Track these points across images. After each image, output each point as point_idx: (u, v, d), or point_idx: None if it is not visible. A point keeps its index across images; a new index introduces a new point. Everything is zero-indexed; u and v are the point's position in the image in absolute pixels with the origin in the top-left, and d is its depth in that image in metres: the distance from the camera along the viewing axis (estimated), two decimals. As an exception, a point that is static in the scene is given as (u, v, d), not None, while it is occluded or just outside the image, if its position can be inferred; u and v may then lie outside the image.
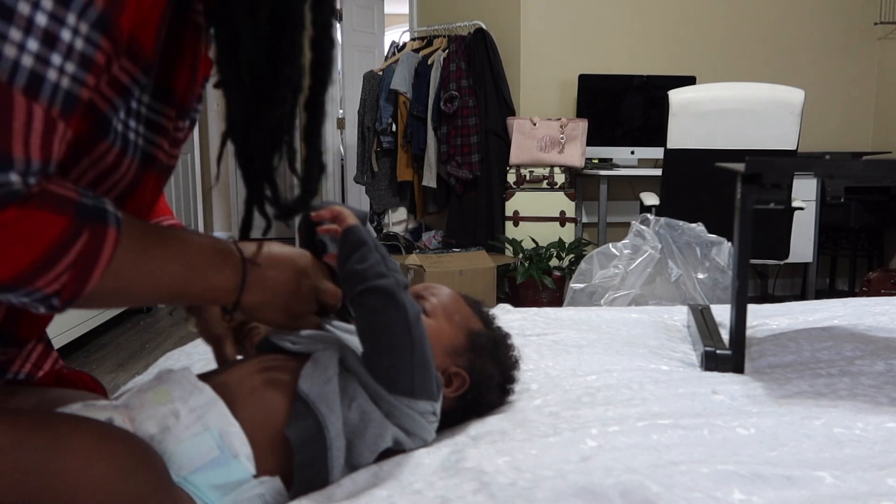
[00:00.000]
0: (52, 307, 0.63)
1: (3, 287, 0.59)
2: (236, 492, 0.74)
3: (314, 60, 0.74)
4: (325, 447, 0.78)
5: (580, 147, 3.83)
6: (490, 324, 1.04)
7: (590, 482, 0.73)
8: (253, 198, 0.79)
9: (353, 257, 0.85)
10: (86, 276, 0.63)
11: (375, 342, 0.84)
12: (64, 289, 0.62)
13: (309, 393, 0.79)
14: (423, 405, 0.86)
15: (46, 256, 0.60)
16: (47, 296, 0.61)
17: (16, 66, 0.54)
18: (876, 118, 4.40)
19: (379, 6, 5.75)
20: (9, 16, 0.53)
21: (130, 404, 0.75)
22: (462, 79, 3.95)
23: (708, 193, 2.67)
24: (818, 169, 1.43)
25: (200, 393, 0.76)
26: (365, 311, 0.84)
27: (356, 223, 0.88)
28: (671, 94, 2.86)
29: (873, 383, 1.13)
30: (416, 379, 0.84)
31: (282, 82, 0.72)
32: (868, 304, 1.67)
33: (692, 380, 1.15)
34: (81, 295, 0.63)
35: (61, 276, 0.61)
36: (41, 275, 0.60)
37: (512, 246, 3.76)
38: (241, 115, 0.73)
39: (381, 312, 0.83)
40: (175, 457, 0.72)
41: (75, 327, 2.96)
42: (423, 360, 0.85)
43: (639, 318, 1.60)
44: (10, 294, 0.61)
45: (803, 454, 0.86)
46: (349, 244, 0.86)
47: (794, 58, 4.27)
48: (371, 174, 4.40)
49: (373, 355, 0.84)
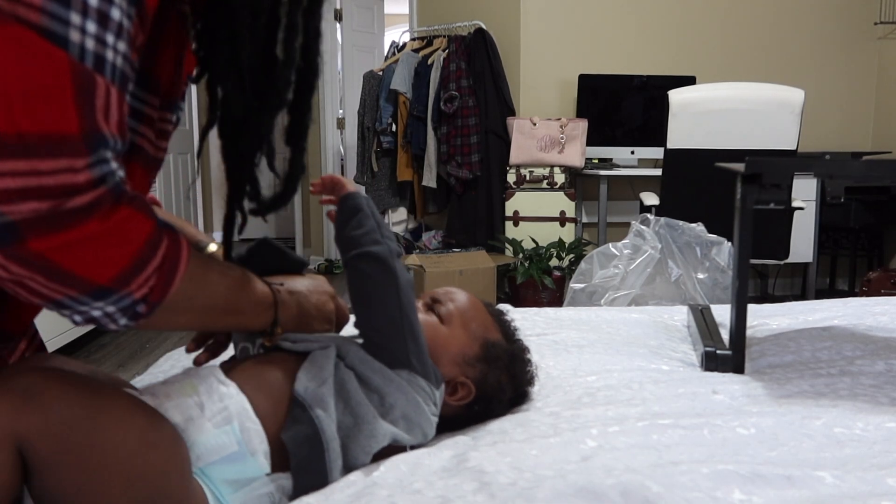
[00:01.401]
0: (135, 315, 0.63)
1: (99, 292, 0.60)
2: (247, 488, 0.75)
3: (303, 65, 0.75)
4: (321, 450, 0.79)
5: (580, 147, 3.83)
6: (511, 336, 1.02)
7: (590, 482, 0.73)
8: (234, 194, 0.80)
9: (351, 223, 0.88)
10: (170, 278, 0.64)
11: (366, 306, 0.87)
12: (152, 292, 0.63)
13: (305, 395, 0.80)
14: (421, 381, 0.86)
15: (140, 257, 0.61)
16: (136, 300, 0.62)
17: (82, 49, 0.55)
18: (876, 118, 4.40)
19: (379, 6, 5.74)
20: (66, 0, 0.54)
21: (156, 393, 0.76)
22: (462, 79, 3.95)
23: (708, 193, 2.67)
24: (818, 169, 1.43)
25: (226, 388, 0.78)
26: (357, 275, 0.88)
27: (353, 190, 0.92)
28: (671, 94, 2.86)
29: (873, 383, 1.13)
30: (409, 346, 0.86)
31: (279, 85, 0.73)
32: (868, 304, 1.67)
33: (692, 380, 1.15)
34: (166, 298, 0.64)
35: (150, 278, 0.62)
36: (135, 277, 0.61)
37: (512, 246, 3.76)
38: (238, 114, 0.73)
39: (372, 276, 0.86)
40: (194, 447, 0.72)
41: (75, 327, 2.97)
42: (412, 329, 0.87)
43: (639, 318, 1.60)
44: (101, 301, 0.60)
45: (803, 454, 0.86)
46: (346, 210, 0.90)
47: (794, 58, 4.27)
48: (371, 174, 4.40)
49: (364, 320, 0.87)
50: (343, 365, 0.85)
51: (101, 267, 0.59)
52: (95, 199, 0.57)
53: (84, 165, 0.56)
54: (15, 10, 0.52)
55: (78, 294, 0.59)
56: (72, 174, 0.55)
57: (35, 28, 0.53)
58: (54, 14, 0.53)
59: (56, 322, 2.75)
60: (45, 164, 0.54)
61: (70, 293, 0.59)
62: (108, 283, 0.59)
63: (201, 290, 0.70)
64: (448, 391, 0.93)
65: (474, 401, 0.95)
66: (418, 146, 4.14)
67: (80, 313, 0.61)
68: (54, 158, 0.54)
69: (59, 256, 0.56)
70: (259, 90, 0.72)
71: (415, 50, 4.27)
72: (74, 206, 0.56)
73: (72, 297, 0.59)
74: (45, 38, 0.53)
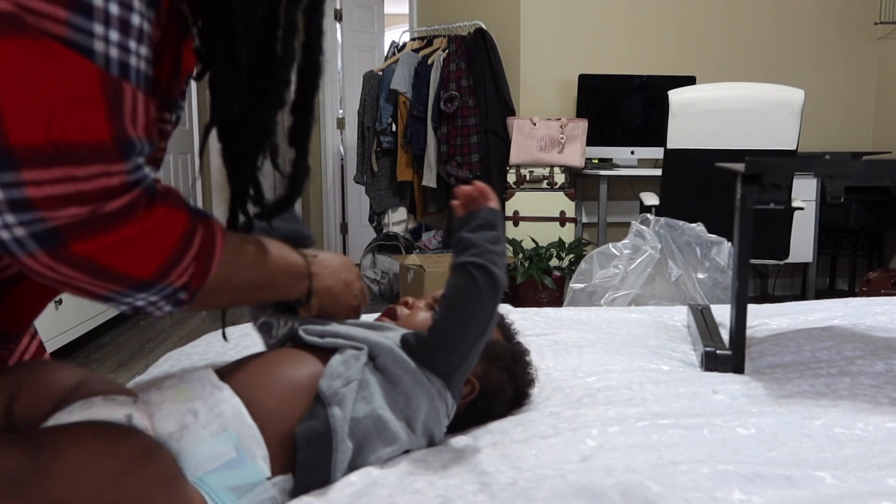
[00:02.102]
0: (178, 302, 0.66)
1: (142, 286, 0.63)
2: (250, 494, 0.74)
3: (304, 64, 0.76)
4: (330, 449, 0.78)
5: (580, 147, 3.83)
6: (511, 337, 1.04)
7: (590, 482, 0.73)
8: (237, 198, 0.81)
9: (486, 234, 0.87)
10: (208, 263, 0.67)
11: (457, 311, 0.86)
12: (192, 279, 0.66)
13: (327, 393, 0.79)
14: (448, 396, 0.87)
15: (177, 249, 0.64)
16: (177, 289, 0.65)
17: (108, 58, 0.57)
18: (876, 118, 4.40)
19: (379, 6, 5.74)
20: (89, 12, 0.55)
21: (150, 401, 0.75)
22: (462, 79, 3.95)
23: (708, 193, 2.67)
24: (818, 169, 1.43)
25: (220, 393, 0.76)
26: (469, 282, 0.85)
27: (498, 208, 0.91)
28: (671, 94, 2.86)
29: (873, 383, 1.13)
30: (462, 367, 0.86)
31: (278, 84, 0.73)
32: (868, 304, 1.67)
33: (692, 380, 1.15)
34: (205, 283, 0.67)
35: (188, 267, 0.65)
36: (174, 268, 0.64)
37: (512, 246, 3.76)
38: (235, 113, 0.74)
39: (482, 294, 0.85)
40: (192, 456, 0.71)
41: (75, 327, 2.96)
42: (474, 356, 0.87)
43: (639, 318, 1.60)
44: (145, 293, 0.64)
45: (803, 454, 0.86)
46: (485, 220, 0.88)
47: (794, 58, 4.27)
48: (371, 174, 4.39)
49: (445, 323, 0.86)
50: (373, 366, 0.84)
51: (141, 264, 0.62)
52: (131, 201, 0.60)
53: (118, 170, 0.59)
54: (40, 24, 0.54)
55: (122, 289, 0.63)
56: (107, 178, 0.58)
57: (62, 41, 0.54)
58: (79, 26, 0.55)
59: (56, 322, 2.75)
60: (81, 171, 0.56)
61: (115, 289, 0.62)
62: (149, 278, 0.63)
63: (238, 270, 0.73)
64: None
65: (477, 398, 0.95)
66: (418, 146, 4.14)
67: (125, 304, 0.65)
68: (89, 165, 0.57)
69: (101, 257, 0.60)
70: (258, 89, 0.73)
71: (415, 50, 4.27)
72: (112, 210, 0.59)
73: (116, 291, 0.63)
74: (72, 50, 0.55)
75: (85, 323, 3.06)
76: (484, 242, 0.86)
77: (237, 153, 0.77)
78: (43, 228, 0.56)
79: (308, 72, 0.76)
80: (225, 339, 1.08)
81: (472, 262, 0.86)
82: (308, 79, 0.76)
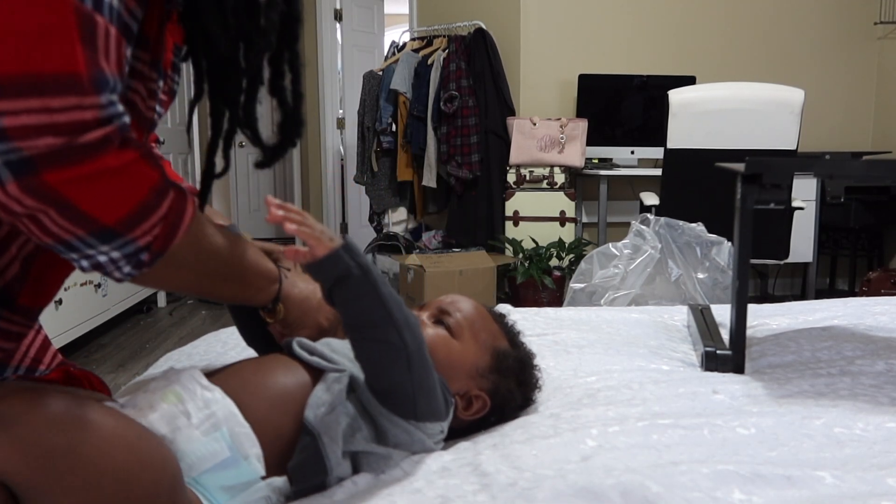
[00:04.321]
0: (139, 263, 0.65)
1: (105, 234, 0.62)
2: (244, 493, 0.74)
3: (284, 12, 0.75)
4: (325, 475, 0.78)
5: (580, 147, 3.83)
6: (516, 342, 1.01)
7: (590, 482, 0.73)
8: (215, 142, 0.79)
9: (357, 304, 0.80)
10: (174, 229, 0.66)
11: (374, 371, 0.83)
12: (155, 240, 0.65)
13: (315, 422, 0.78)
14: (430, 427, 0.85)
15: (146, 203, 0.63)
16: (140, 248, 0.64)
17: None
18: (876, 118, 4.40)
19: (379, 6, 5.74)
20: None
21: (139, 405, 0.74)
22: (462, 79, 3.95)
23: (708, 193, 2.67)
24: (818, 169, 1.43)
25: (211, 394, 0.76)
26: (364, 352, 0.82)
27: (334, 248, 0.79)
28: (671, 94, 2.86)
29: (873, 383, 1.13)
30: (419, 404, 0.83)
31: (265, 27, 0.74)
32: (868, 304, 1.67)
33: (692, 380, 1.15)
34: (168, 248, 0.66)
35: (154, 227, 0.65)
36: (140, 223, 0.63)
37: (512, 246, 3.76)
38: (223, 50, 0.73)
39: (381, 354, 0.81)
40: (185, 457, 0.71)
41: (75, 327, 2.96)
42: (424, 386, 0.83)
43: (639, 318, 1.60)
44: (107, 245, 0.63)
45: (803, 454, 0.86)
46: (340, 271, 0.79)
47: (794, 58, 4.27)
48: (371, 174, 4.40)
49: (373, 381, 0.83)
50: (354, 396, 0.83)
51: (108, 207, 0.61)
52: (105, 135, 0.59)
53: (91, 104, 0.58)
54: None
55: (85, 234, 0.62)
56: (80, 111, 0.58)
57: None
58: None
59: (56, 322, 2.75)
60: (55, 102, 0.56)
61: (78, 232, 0.62)
62: (113, 225, 0.62)
63: (205, 249, 0.72)
64: (463, 405, 0.92)
65: (489, 412, 0.94)
66: (418, 146, 4.14)
67: (87, 257, 0.64)
68: (64, 96, 0.57)
69: (70, 190, 0.59)
70: (244, 31, 0.73)
71: (415, 50, 4.27)
72: (86, 142, 0.58)
73: (79, 237, 0.62)
74: None
75: (85, 323, 3.06)
76: (360, 316, 0.80)
77: (226, 96, 0.77)
78: (17, 157, 0.56)
79: (288, 18, 0.76)
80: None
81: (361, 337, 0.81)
82: (288, 26, 0.76)
